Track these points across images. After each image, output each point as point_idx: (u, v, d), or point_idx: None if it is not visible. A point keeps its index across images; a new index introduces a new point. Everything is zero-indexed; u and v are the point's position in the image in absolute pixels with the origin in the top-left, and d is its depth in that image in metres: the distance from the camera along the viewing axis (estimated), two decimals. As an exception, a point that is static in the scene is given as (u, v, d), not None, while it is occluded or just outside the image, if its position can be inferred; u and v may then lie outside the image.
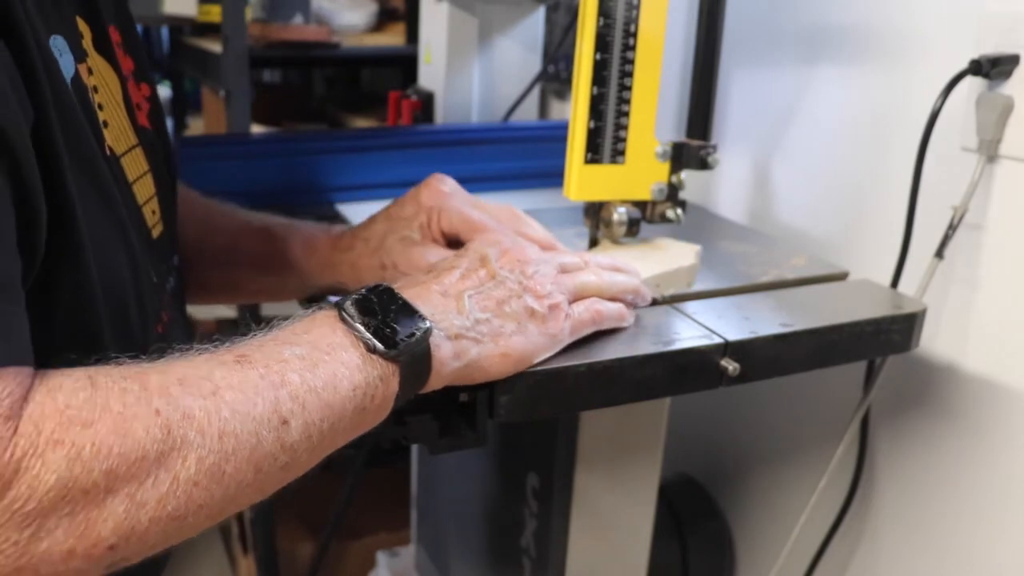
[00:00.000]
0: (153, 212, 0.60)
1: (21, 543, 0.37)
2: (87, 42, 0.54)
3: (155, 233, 0.60)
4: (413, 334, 0.51)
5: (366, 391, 0.49)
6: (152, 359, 0.45)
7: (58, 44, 0.48)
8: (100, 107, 0.53)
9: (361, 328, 0.50)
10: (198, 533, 0.44)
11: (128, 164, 0.56)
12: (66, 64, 0.49)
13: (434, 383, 0.54)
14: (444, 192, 0.70)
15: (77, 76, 0.50)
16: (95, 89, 0.53)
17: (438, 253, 0.68)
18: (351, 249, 0.72)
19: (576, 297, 0.61)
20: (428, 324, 0.52)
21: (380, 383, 0.50)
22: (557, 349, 0.59)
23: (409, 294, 0.54)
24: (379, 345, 0.49)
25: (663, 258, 0.75)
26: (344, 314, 0.51)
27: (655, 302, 0.70)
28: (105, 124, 0.53)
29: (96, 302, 0.49)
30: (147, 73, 0.64)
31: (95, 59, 0.54)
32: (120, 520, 0.40)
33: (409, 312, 0.52)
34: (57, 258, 0.46)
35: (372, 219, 0.73)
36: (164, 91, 2.59)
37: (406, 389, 0.52)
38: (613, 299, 0.64)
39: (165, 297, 0.61)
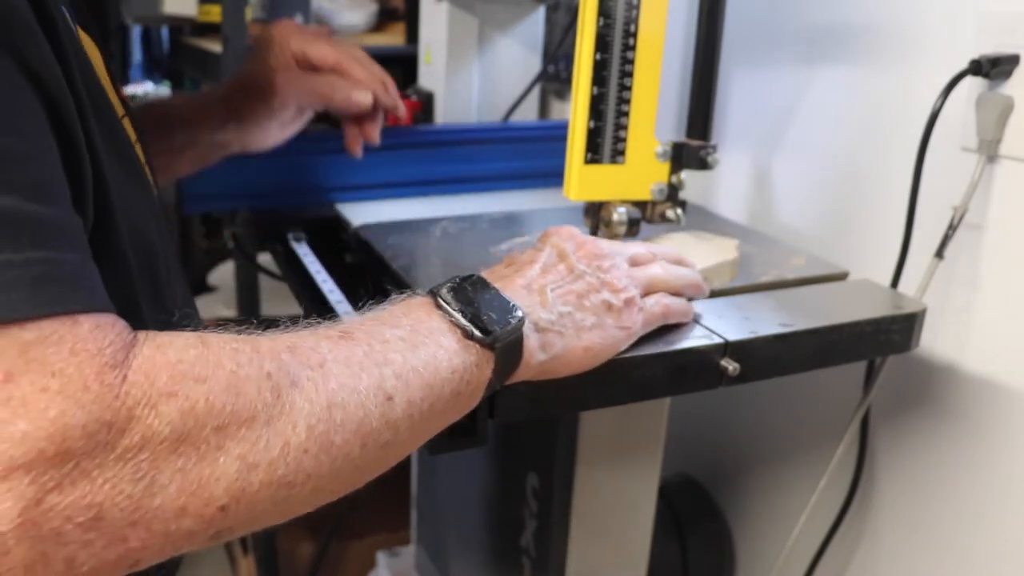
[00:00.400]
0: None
1: (135, 497, 0.37)
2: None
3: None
4: (508, 322, 0.52)
5: (463, 375, 0.50)
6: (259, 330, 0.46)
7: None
8: None
9: (458, 315, 0.51)
10: (305, 511, 0.45)
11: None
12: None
13: (522, 374, 0.55)
14: (290, 27, 0.86)
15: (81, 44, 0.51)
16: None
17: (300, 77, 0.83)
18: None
19: (646, 290, 0.62)
20: (521, 314, 0.53)
21: (476, 369, 0.51)
22: (631, 342, 0.60)
23: (497, 286, 0.55)
24: (476, 332, 0.51)
25: (708, 252, 0.75)
26: (440, 300, 0.52)
27: None
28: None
29: (129, 261, 0.49)
30: None
31: (80, 32, 0.55)
32: (232, 480, 0.39)
33: (502, 302, 0.54)
34: (93, 221, 0.46)
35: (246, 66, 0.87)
36: (164, 91, 2.59)
37: (498, 377, 0.53)
38: (677, 293, 0.65)
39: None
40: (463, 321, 0.51)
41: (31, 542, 0.35)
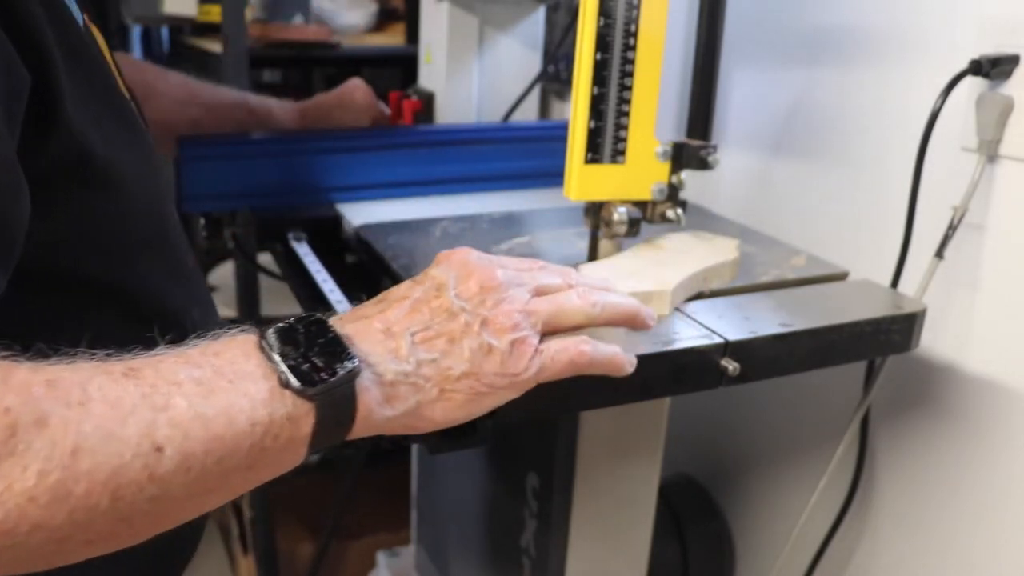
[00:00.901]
0: None
1: None
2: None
3: None
4: (335, 373, 0.46)
5: (268, 429, 0.44)
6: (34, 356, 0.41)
7: None
8: None
9: (278, 359, 0.45)
10: (47, 564, 0.40)
11: None
12: (75, 13, 0.50)
13: (361, 430, 0.48)
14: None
15: (86, 25, 0.51)
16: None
17: None
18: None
19: (552, 326, 0.53)
20: (355, 364, 0.46)
21: (287, 423, 0.44)
22: (520, 392, 0.52)
23: (348, 330, 0.49)
24: (293, 380, 0.44)
25: (708, 252, 0.75)
26: (264, 342, 0.46)
27: (700, 296, 0.70)
28: None
29: (131, 224, 0.51)
30: None
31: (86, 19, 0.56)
32: None
33: (337, 348, 0.47)
34: (88, 191, 0.47)
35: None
36: (164, 91, 2.59)
37: (324, 434, 0.46)
38: (608, 324, 0.56)
39: None
40: (281, 367, 0.45)
41: None
